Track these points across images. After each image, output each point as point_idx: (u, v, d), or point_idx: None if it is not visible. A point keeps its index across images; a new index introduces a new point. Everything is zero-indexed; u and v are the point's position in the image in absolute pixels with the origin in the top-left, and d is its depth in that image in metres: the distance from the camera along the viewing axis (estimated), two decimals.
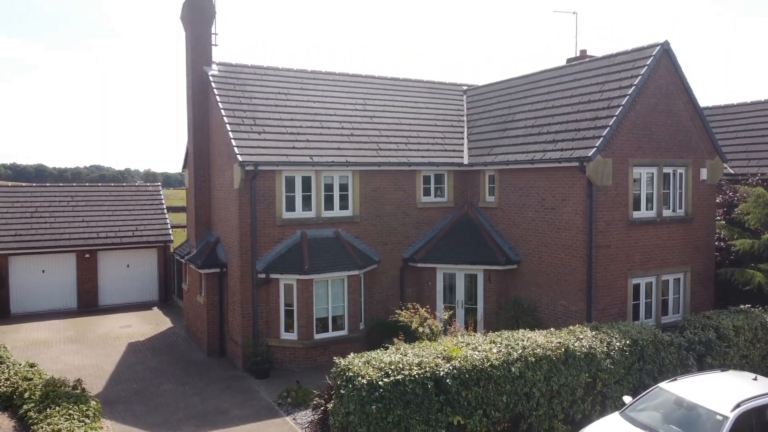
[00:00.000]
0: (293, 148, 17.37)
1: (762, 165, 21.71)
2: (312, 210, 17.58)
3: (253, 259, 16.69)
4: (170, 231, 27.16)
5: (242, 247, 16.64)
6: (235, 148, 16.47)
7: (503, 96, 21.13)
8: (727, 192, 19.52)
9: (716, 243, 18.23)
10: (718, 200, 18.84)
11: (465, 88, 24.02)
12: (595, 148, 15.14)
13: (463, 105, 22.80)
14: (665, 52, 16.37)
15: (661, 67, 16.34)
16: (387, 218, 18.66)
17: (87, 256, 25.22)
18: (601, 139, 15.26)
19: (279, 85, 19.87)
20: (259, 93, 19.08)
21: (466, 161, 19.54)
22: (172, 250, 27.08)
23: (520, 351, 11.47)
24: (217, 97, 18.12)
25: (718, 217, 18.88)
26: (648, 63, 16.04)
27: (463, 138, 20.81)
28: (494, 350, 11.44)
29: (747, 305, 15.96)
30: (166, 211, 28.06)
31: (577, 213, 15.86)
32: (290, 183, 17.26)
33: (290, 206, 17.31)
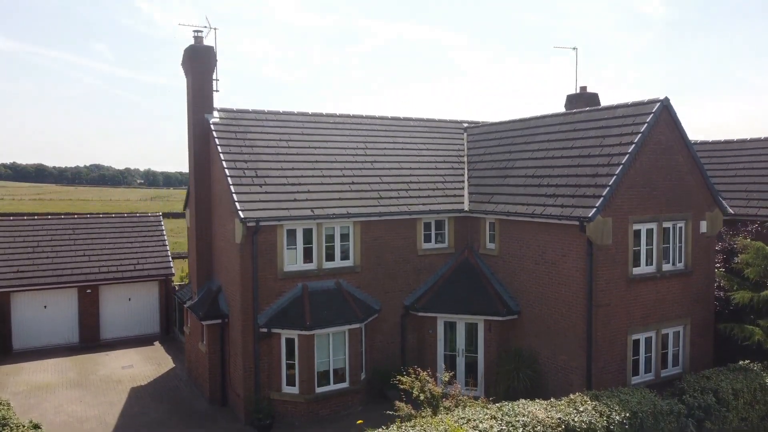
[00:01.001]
0: (294, 200, 17.45)
1: (762, 206, 21.79)
2: (313, 262, 17.66)
3: (255, 313, 16.78)
4: (171, 263, 27.25)
5: (244, 302, 16.72)
6: (237, 204, 16.54)
7: (503, 139, 21.20)
8: (726, 239, 19.60)
9: (716, 292, 18.32)
10: (717, 247, 18.92)
11: (465, 125, 24.08)
12: (595, 209, 15.21)
13: (463, 144, 22.87)
14: (665, 108, 16.43)
15: (660, 124, 16.41)
16: (388, 266, 18.74)
17: (89, 291, 25.30)
18: (601, 199, 15.34)
19: (280, 130, 19.93)
20: (261, 140, 19.14)
21: (466, 208, 19.62)
22: (173, 283, 27.20)
23: (521, 430, 11.56)
24: (219, 148, 18.18)
25: (718, 264, 18.96)
26: (648, 120, 16.11)
27: (463, 181, 20.88)
28: (495, 429, 11.53)
29: (746, 361, 16.06)
30: (167, 242, 28.13)
31: (577, 270, 15.94)
32: (292, 236, 17.34)
33: (291, 259, 17.39)
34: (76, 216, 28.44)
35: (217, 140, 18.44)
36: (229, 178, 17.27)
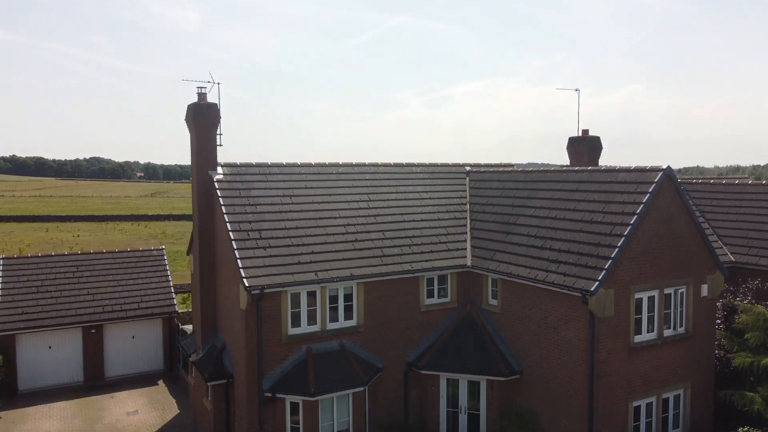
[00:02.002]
0: (298, 263, 17.57)
1: (762, 255, 21.92)
2: (317, 323, 17.81)
3: (260, 377, 16.94)
4: (174, 300, 27.39)
5: (249, 366, 16.88)
6: (242, 270, 16.67)
7: (506, 190, 21.26)
8: (728, 296, 19.74)
9: (716, 351, 18.47)
10: (718, 303, 19.04)
11: (468, 169, 24.15)
12: (597, 282, 15.33)
13: (465, 191, 22.93)
14: (667, 177, 16.52)
15: (663, 192, 16.50)
16: (391, 324, 18.89)
17: (93, 331, 25.47)
18: (604, 272, 15.45)
19: (284, 185, 20.00)
20: (264, 198, 19.22)
21: (469, 263, 19.74)
22: (177, 320, 27.39)
23: None
24: (223, 208, 18.26)
25: (718, 320, 19.10)
26: (650, 190, 16.19)
27: (465, 232, 20.98)
28: None
29: (746, 428, 16.23)
30: (170, 278, 28.25)
31: (579, 339, 16.09)
32: (296, 299, 17.47)
33: (295, 322, 17.53)
34: (80, 253, 28.56)
35: (221, 200, 18.52)
36: (233, 242, 17.38)
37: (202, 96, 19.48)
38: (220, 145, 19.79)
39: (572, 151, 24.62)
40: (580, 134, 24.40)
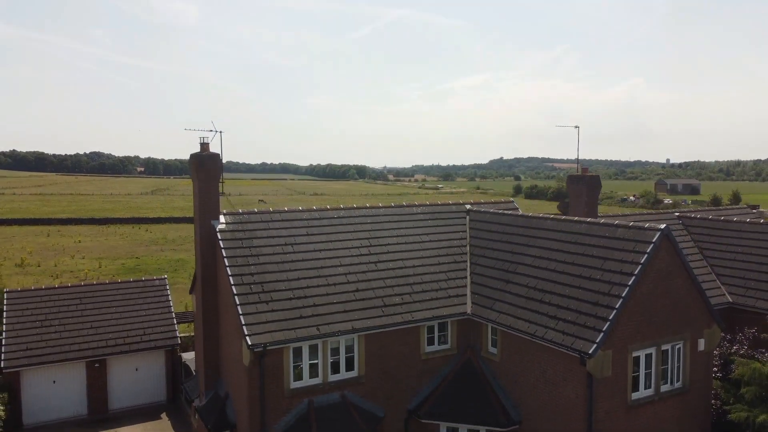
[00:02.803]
0: (300, 317, 17.79)
1: (759, 297, 22.14)
2: (319, 376, 18.04)
3: (263, 430, 17.19)
4: (177, 331, 27.63)
5: (252, 419, 17.14)
6: (245, 328, 16.89)
7: (505, 234, 21.43)
8: (725, 345, 19.97)
9: (713, 401, 18.71)
10: (714, 352, 19.26)
11: (468, 207, 24.34)
12: (595, 345, 15.54)
13: (466, 231, 23.11)
14: (665, 236, 16.71)
15: (661, 251, 16.69)
16: (391, 373, 19.12)
17: (97, 365, 25.74)
18: (602, 334, 15.66)
19: (285, 232, 20.19)
20: (266, 247, 19.41)
21: (469, 311, 19.96)
22: (178, 352, 27.66)
23: None
24: (226, 260, 18.47)
25: (715, 368, 19.35)
26: (648, 251, 16.39)
27: (466, 277, 21.18)
28: None
29: None
30: (172, 308, 28.46)
31: (577, 396, 16.32)
32: (297, 353, 17.70)
33: (297, 375, 17.77)
34: (83, 284, 28.77)
35: (224, 251, 18.72)
36: (236, 297, 17.59)
37: (204, 146, 19.65)
38: (223, 193, 19.97)
39: (572, 188, 24.82)
40: (580, 172, 24.58)
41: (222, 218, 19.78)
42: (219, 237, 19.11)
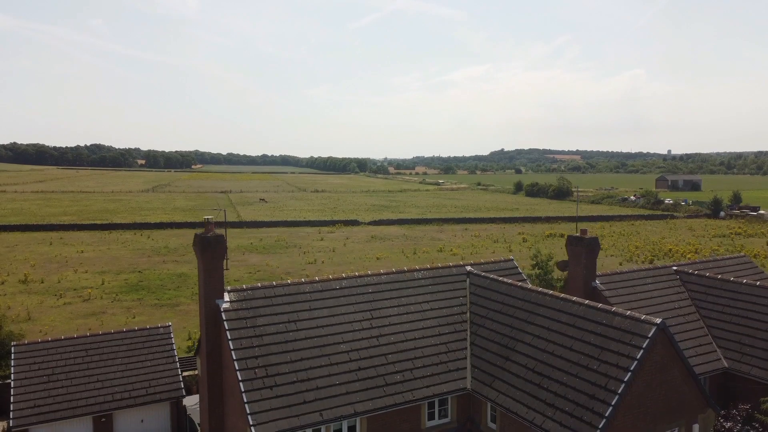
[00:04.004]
0: (303, 402, 18.19)
1: (755, 365, 22.49)
2: None
3: None
4: (181, 382, 28.06)
5: None
6: (250, 417, 17.30)
7: (505, 306, 21.77)
8: (719, 420, 20.34)
9: None
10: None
11: (468, 269, 24.66)
12: None
13: (466, 297, 23.45)
14: (660, 330, 17.06)
15: (656, 345, 17.04)
16: None
17: (103, 419, 26.19)
18: (597, 431, 16.06)
19: (288, 308, 20.54)
20: (271, 326, 19.78)
21: (468, 386, 20.36)
22: (182, 403, 28.09)
23: None
24: (231, 343, 18.84)
25: None
26: (644, 346, 16.75)
27: (466, 348, 21.55)
28: None
29: None
30: (176, 358, 28.87)
31: None
32: None
33: None
34: (88, 334, 29.15)
35: (228, 333, 19.09)
36: (241, 383, 17.98)
37: (208, 226, 19.96)
38: (227, 269, 20.29)
39: (571, 249, 25.13)
40: (578, 234, 24.88)
41: (226, 296, 20.13)
42: (224, 317, 19.47)
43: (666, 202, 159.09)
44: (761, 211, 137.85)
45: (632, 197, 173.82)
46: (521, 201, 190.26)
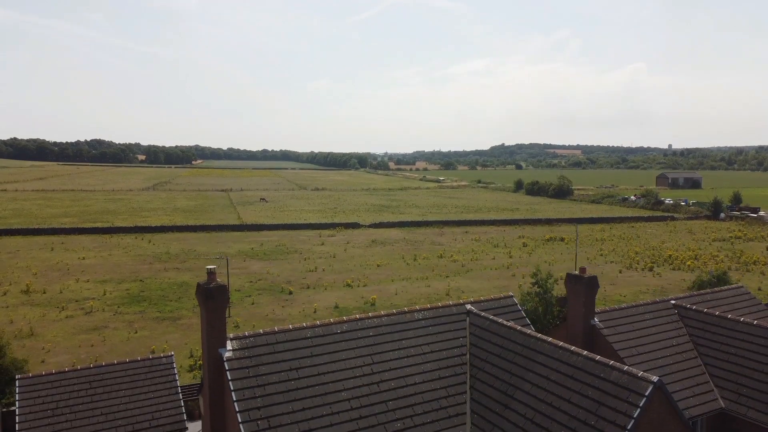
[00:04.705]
0: None
1: (751, 407, 22.73)
2: None
3: None
4: (184, 415, 28.35)
5: None
6: None
7: (504, 350, 21.98)
8: None
9: None
10: None
11: (468, 307, 24.88)
12: None
13: (466, 338, 23.68)
14: (657, 388, 17.28)
15: (653, 403, 17.28)
16: None
17: None
18: None
19: (291, 355, 20.76)
20: (273, 375, 20.00)
21: None
22: None
23: None
24: (234, 395, 19.08)
25: None
26: (640, 404, 16.96)
27: (465, 392, 21.80)
28: None
29: None
30: (179, 390, 29.16)
31: None
32: None
33: None
34: (92, 366, 29.41)
35: (231, 384, 19.32)
36: None
37: (211, 276, 20.16)
38: (229, 317, 20.52)
39: (570, 288, 25.34)
40: (577, 272, 25.10)
41: (228, 344, 20.36)
42: (227, 367, 19.71)
43: (666, 202, 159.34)
44: (761, 213, 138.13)
45: (632, 197, 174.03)
46: (521, 200, 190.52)
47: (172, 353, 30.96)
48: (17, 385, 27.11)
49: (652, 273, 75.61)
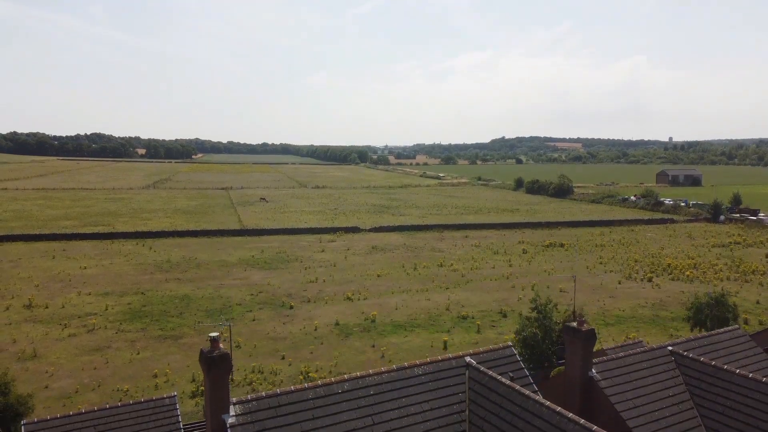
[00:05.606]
0: None
1: None
2: None
3: None
4: None
5: None
6: None
7: (503, 410, 22.32)
8: None
9: None
10: None
11: (467, 360, 25.18)
12: None
13: (465, 393, 24.01)
14: None
15: None
16: None
17: None
18: None
19: (292, 418, 21.02)
20: None
21: None
22: None
23: None
24: None
25: None
26: None
27: None
28: None
29: None
30: (182, 430, 29.55)
31: None
32: None
33: None
34: (96, 409, 29.78)
35: None
36: None
37: (215, 343, 20.42)
38: (232, 380, 20.84)
39: (568, 339, 25.60)
40: (576, 323, 25.37)
41: (231, 410, 20.66)
42: None
43: (666, 203, 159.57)
44: (761, 215, 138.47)
45: (633, 197, 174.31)
46: (521, 199, 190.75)
47: (175, 394, 31.28)
48: (23, 431, 27.44)
49: (652, 284, 75.89)
